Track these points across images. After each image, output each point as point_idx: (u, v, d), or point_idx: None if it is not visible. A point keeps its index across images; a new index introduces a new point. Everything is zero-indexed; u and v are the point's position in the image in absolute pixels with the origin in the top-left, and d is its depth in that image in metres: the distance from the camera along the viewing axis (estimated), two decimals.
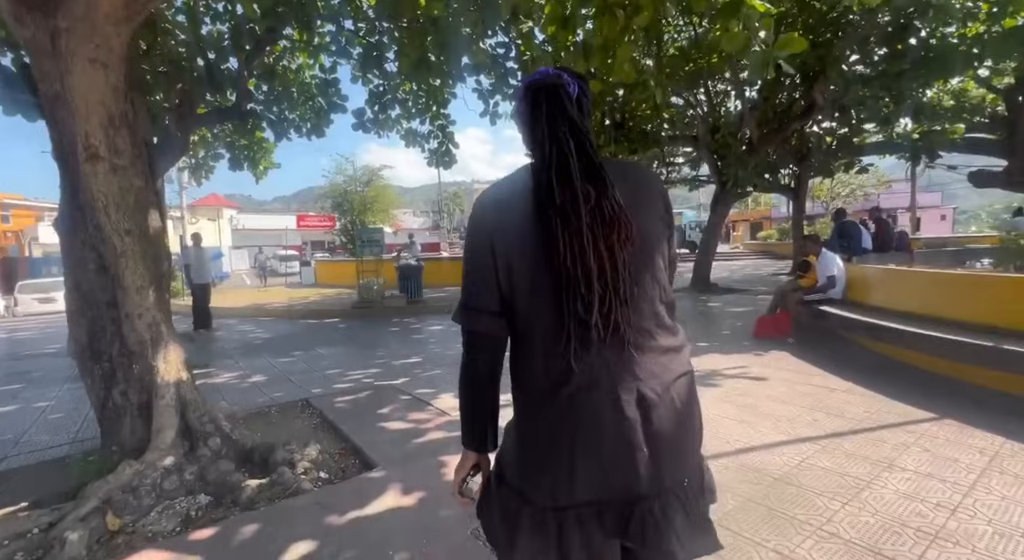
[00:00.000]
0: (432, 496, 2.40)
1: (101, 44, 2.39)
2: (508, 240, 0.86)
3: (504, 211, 0.88)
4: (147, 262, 2.68)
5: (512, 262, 0.86)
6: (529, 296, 0.86)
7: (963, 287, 4.19)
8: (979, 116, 11.08)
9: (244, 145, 7.18)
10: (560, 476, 0.84)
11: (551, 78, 0.92)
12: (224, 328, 8.61)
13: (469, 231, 0.94)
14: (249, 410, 3.85)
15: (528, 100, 0.92)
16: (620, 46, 3.51)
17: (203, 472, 2.55)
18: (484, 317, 0.90)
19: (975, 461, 2.51)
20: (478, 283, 0.90)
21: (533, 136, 0.92)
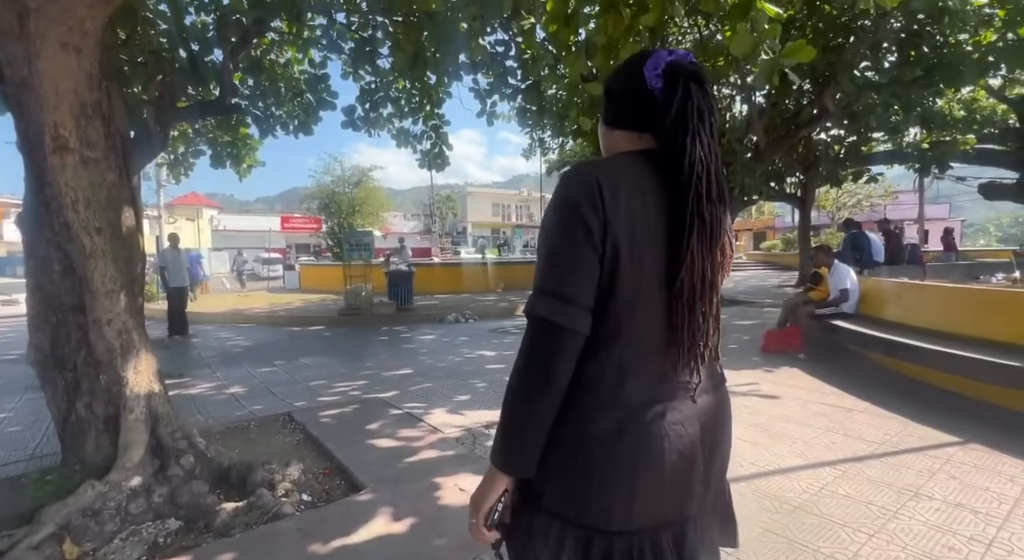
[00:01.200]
0: (425, 522, 2.30)
1: (74, 27, 2.30)
2: (624, 231, 0.77)
3: (623, 199, 0.78)
4: (119, 263, 2.58)
5: (622, 259, 0.78)
6: (630, 301, 0.79)
7: (982, 303, 4.17)
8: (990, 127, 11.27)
9: (227, 142, 7.08)
10: (617, 500, 0.80)
11: (699, 67, 0.85)
12: (201, 334, 8.45)
13: (570, 207, 0.78)
14: (226, 424, 3.72)
15: (670, 82, 0.83)
16: (624, 46, 3.49)
17: (174, 494, 2.43)
18: (580, 312, 0.78)
19: (1007, 490, 2.45)
20: (581, 270, 0.78)
21: (667, 127, 0.82)
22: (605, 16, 3.32)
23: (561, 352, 0.78)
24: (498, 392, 4.53)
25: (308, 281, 17.33)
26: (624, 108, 0.91)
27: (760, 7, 2.84)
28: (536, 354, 0.80)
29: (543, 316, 0.78)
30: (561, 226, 0.79)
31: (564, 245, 0.78)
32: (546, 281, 0.79)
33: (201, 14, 5.33)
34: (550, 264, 0.80)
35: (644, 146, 0.88)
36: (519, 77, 5.62)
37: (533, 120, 7.01)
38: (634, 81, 0.87)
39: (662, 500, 0.82)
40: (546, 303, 0.78)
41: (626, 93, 0.90)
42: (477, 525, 0.88)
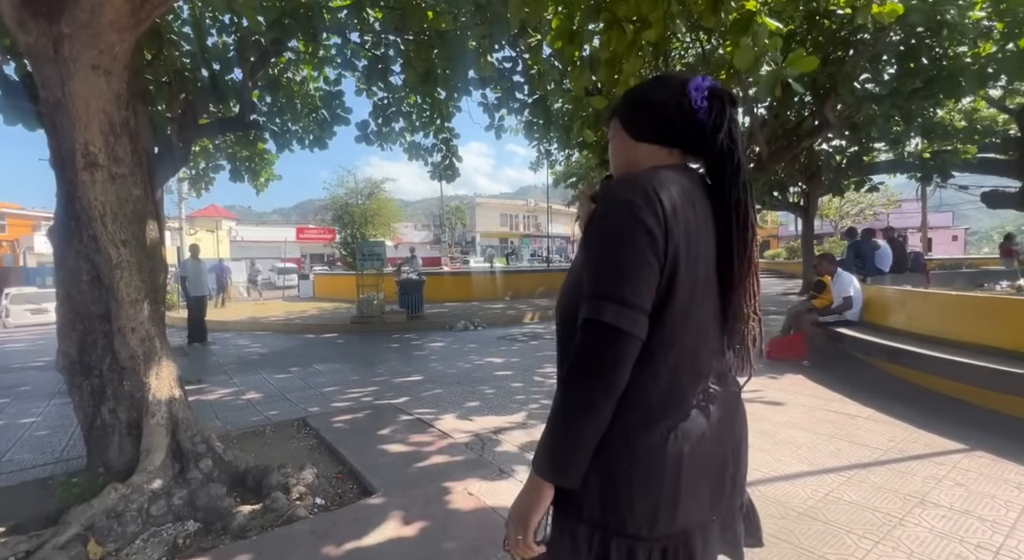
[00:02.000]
0: (435, 525, 2.30)
1: (104, 51, 2.38)
2: (681, 239, 0.79)
3: (678, 208, 0.79)
4: (143, 274, 2.63)
5: (680, 265, 0.79)
6: (685, 308, 0.80)
7: (987, 310, 4.11)
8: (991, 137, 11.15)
9: (246, 156, 7.23)
10: (665, 506, 0.80)
11: (730, 92, 0.89)
12: (219, 342, 8.54)
13: (632, 213, 0.78)
14: (243, 429, 3.76)
15: (712, 104, 0.86)
16: (627, 61, 3.52)
17: (193, 496, 2.45)
18: (642, 318, 0.77)
19: (1013, 497, 2.40)
20: (643, 275, 0.77)
21: (711, 145, 0.86)
22: (609, 32, 3.36)
23: (624, 358, 0.77)
24: (507, 399, 4.55)
25: (322, 290, 17.47)
26: (659, 124, 0.91)
27: (761, 22, 2.87)
28: (599, 360, 0.77)
29: (608, 322, 0.75)
30: (622, 232, 0.78)
31: (626, 250, 0.77)
32: (609, 286, 0.77)
33: (222, 35, 5.48)
34: (612, 270, 0.78)
35: (672, 161, 0.90)
36: (526, 92, 5.68)
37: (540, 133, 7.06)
38: (675, 100, 0.88)
39: (700, 502, 0.84)
40: (611, 309, 0.76)
41: (665, 110, 0.89)
42: (525, 541, 0.82)
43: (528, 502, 0.82)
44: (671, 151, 0.91)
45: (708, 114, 0.86)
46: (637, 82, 3.91)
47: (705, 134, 0.86)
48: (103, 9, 2.31)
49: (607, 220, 0.80)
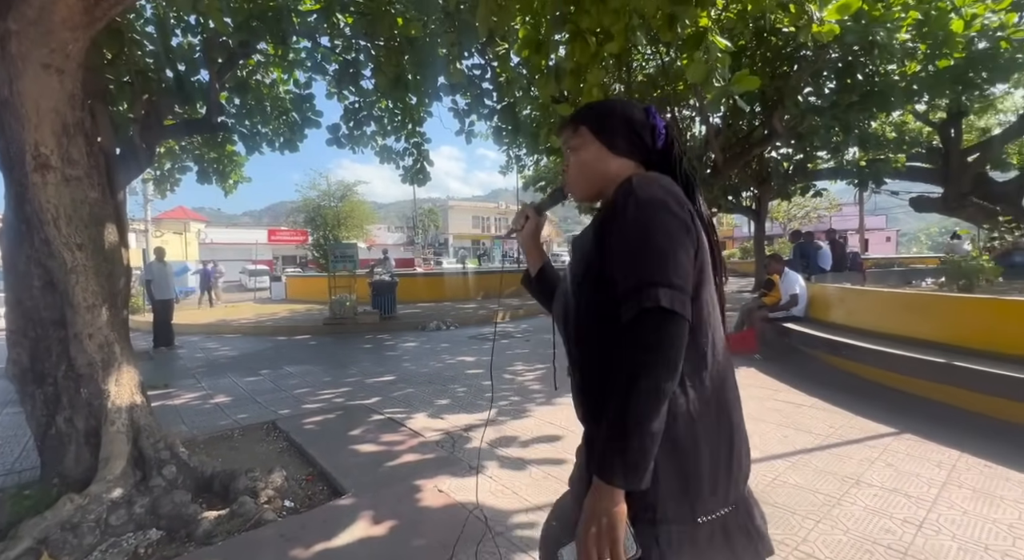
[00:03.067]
0: (405, 523, 2.26)
1: (56, 49, 2.23)
2: (701, 228, 0.87)
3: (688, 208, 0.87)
4: (101, 279, 2.49)
5: (703, 249, 0.86)
6: (707, 288, 0.86)
7: (915, 306, 4.36)
8: (917, 147, 11.87)
9: (214, 158, 6.93)
10: (729, 478, 0.83)
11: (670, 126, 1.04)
12: (187, 345, 8.16)
13: (664, 206, 0.82)
14: (210, 434, 3.60)
15: (664, 134, 1.00)
16: (591, 71, 3.57)
17: (155, 504, 2.33)
18: (689, 300, 0.78)
19: (935, 475, 2.55)
20: (683, 260, 0.79)
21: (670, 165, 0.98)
22: (573, 43, 3.38)
23: (683, 341, 0.76)
24: (477, 396, 4.53)
25: (294, 292, 16.96)
26: (638, 142, 0.99)
27: (712, 39, 2.95)
28: (663, 346, 0.74)
29: (666, 307, 0.74)
30: (659, 223, 0.81)
31: (667, 239, 0.80)
32: (659, 274, 0.77)
33: (188, 36, 5.23)
34: (658, 258, 0.78)
35: (632, 172, 0.97)
36: (495, 98, 5.67)
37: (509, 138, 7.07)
38: (646, 123, 1.00)
39: (747, 466, 0.89)
40: (666, 294, 0.75)
41: (643, 131, 0.99)
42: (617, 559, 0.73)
43: (609, 516, 0.73)
44: (638, 165, 0.99)
45: (665, 147, 0.99)
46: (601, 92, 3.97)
47: (662, 153, 0.99)
48: (54, 6, 2.17)
49: (639, 214, 0.82)
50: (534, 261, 1.24)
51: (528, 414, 3.89)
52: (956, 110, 10.43)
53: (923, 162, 11.94)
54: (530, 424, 3.63)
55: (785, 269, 5.82)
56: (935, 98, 8.78)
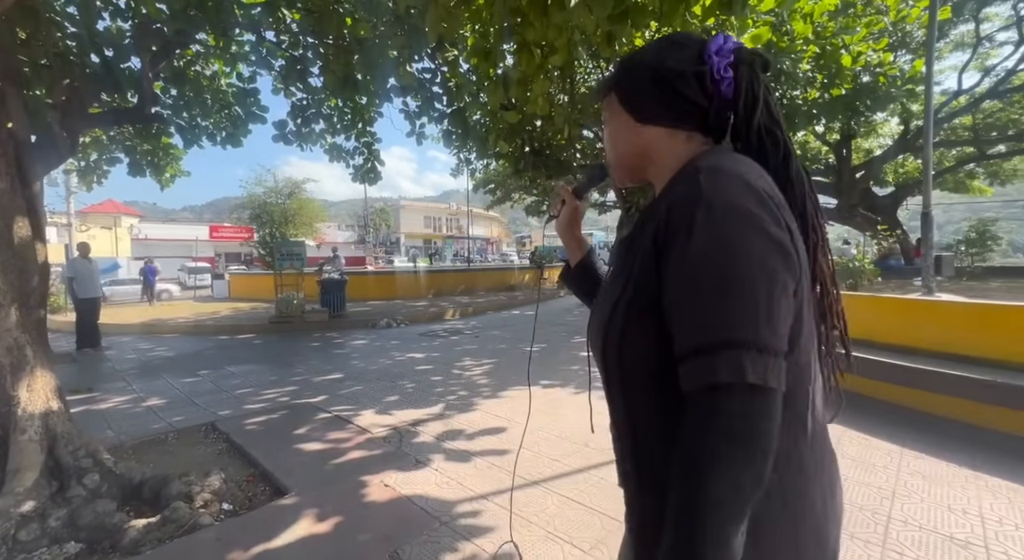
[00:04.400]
0: (350, 520, 2.19)
1: None
2: (800, 254, 0.56)
3: (785, 210, 0.57)
4: (9, 276, 2.20)
5: (802, 285, 0.56)
6: (808, 332, 0.58)
7: None
8: (817, 164, 13.07)
9: (147, 150, 6.32)
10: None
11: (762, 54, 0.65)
12: (116, 347, 7.41)
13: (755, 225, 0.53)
14: (141, 439, 3.29)
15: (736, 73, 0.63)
16: (536, 81, 3.62)
17: (74, 515, 2.10)
18: (784, 366, 0.52)
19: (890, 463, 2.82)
20: (784, 312, 0.52)
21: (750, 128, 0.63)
22: (520, 54, 3.41)
23: (775, 424, 0.50)
24: (425, 392, 4.46)
25: (238, 290, 15.85)
26: (672, 101, 0.65)
27: None
28: (746, 437, 0.49)
29: (758, 384, 0.49)
30: (747, 251, 0.52)
31: (759, 275, 0.51)
32: (743, 329, 0.50)
33: (116, 20, 4.72)
34: (744, 305, 0.51)
35: (693, 149, 0.66)
36: (445, 102, 5.59)
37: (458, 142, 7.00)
38: (692, 69, 0.63)
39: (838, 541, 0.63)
40: (755, 362, 0.49)
41: (679, 83, 0.64)
42: None
43: None
44: (690, 135, 0.66)
45: (735, 85, 0.62)
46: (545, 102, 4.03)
47: (735, 112, 0.63)
48: None
49: (720, 236, 0.52)
50: (573, 252, 0.97)
51: (475, 408, 3.88)
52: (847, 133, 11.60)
53: (822, 177, 13.18)
54: (476, 417, 3.63)
55: None
56: (831, 121, 9.71)
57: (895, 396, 3.47)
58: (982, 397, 2.93)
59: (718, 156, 0.61)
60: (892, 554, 1.84)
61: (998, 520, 2.06)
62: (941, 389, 3.13)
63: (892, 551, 1.86)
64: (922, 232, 5.30)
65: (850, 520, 2.07)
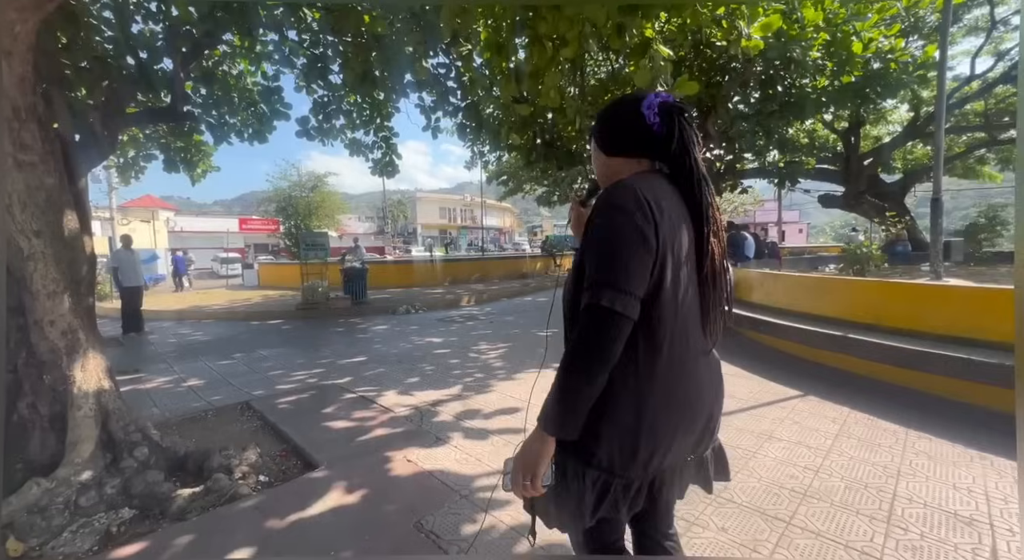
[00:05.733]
0: (376, 492, 2.24)
1: (2, 30, 1.98)
2: (667, 232, 0.86)
3: (663, 209, 0.86)
4: (61, 265, 2.27)
5: (667, 252, 0.85)
6: (674, 287, 0.87)
7: (819, 288, 4.69)
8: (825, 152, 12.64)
9: (180, 147, 6.41)
10: (660, 452, 0.88)
11: (681, 104, 0.95)
12: (158, 331, 7.64)
13: (629, 214, 0.84)
14: (183, 416, 3.41)
15: (668, 119, 0.92)
16: (548, 74, 3.55)
17: (127, 484, 2.20)
18: (635, 302, 0.82)
19: (831, 429, 2.79)
20: (638, 266, 0.83)
21: (670, 153, 0.93)
22: (532, 48, 3.35)
23: (619, 336, 0.82)
24: (444, 374, 4.51)
25: (267, 278, 16.15)
26: (625, 140, 0.97)
27: (656, 48, 3.00)
28: (598, 337, 0.81)
29: (606, 306, 0.80)
30: (620, 230, 0.83)
31: (623, 246, 0.83)
32: (608, 276, 0.82)
33: (149, 23, 4.76)
34: (610, 261, 0.83)
35: (643, 169, 0.96)
36: (459, 97, 5.53)
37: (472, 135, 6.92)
38: (633, 119, 0.94)
39: (685, 447, 0.93)
40: (609, 295, 0.80)
41: (627, 128, 0.96)
42: (534, 486, 0.87)
43: (536, 453, 0.87)
44: (640, 160, 0.96)
45: (661, 126, 0.92)
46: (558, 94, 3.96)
47: (661, 143, 0.93)
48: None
49: (603, 220, 0.86)
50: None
51: (490, 389, 3.92)
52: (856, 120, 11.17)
53: (829, 165, 12.76)
54: (493, 398, 3.67)
55: None
56: (839, 109, 9.36)
57: (901, 378, 3.40)
58: (989, 379, 2.85)
59: (636, 175, 0.92)
60: (897, 529, 1.82)
61: (1003, 498, 2.02)
62: (946, 371, 3.05)
63: (897, 527, 1.84)
64: (931, 218, 5.12)
65: (855, 497, 2.05)
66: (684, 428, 0.90)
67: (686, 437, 0.91)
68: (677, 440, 0.90)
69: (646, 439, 0.87)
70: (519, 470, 0.89)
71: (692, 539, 1.80)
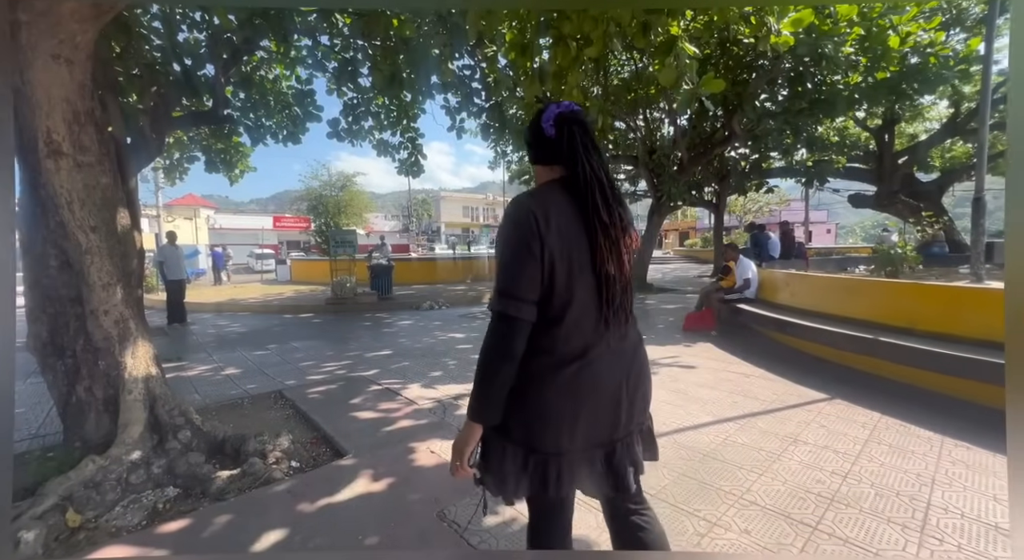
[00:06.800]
0: (401, 481, 2.29)
1: (65, 40, 2.10)
2: (554, 242, 0.93)
3: (551, 217, 0.93)
4: (115, 259, 2.40)
5: (556, 260, 0.93)
6: (567, 290, 0.95)
7: (848, 289, 4.50)
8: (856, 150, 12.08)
9: (220, 148, 6.67)
10: (565, 430, 0.98)
11: (578, 112, 1.01)
12: (199, 322, 7.99)
13: (515, 231, 0.94)
14: (221, 402, 3.56)
15: (558, 128, 1.00)
16: (571, 73, 3.51)
17: (172, 465, 2.31)
18: (529, 306, 0.93)
19: (860, 434, 2.68)
20: (526, 276, 0.92)
21: (564, 159, 1.00)
22: (556, 48, 3.32)
23: (514, 335, 0.93)
24: (466, 369, 4.55)
25: (299, 274, 16.64)
26: (537, 151, 1.06)
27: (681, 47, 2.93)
28: (499, 338, 0.94)
29: (499, 310, 0.93)
30: (510, 246, 0.94)
31: (514, 259, 0.93)
32: (502, 285, 0.94)
33: (193, 31, 4.96)
34: (504, 273, 0.94)
35: (555, 175, 1.03)
36: (483, 97, 5.55)
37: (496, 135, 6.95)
38: (537, 131, 1.03)
39: (596, 428, 1.00)
40: (508, 303, 0.92)
41: (536, 140, 1.05)
42: (461, 466, 1.00)
43: (463, 439, 1.00)
44: (552, 168, 1.04)
45: (557, 136, 1.00)
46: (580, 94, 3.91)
47: (561, 152, 1.00)
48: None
49: (500, 234, 0.97)
50: None
51: None
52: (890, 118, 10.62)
53: (860, 163, 12.20)
54: None
55: (740, 256, 5.92)
56: (873, 106, 8.92)
57: (937, 384, 3.23)
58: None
59: (540, 186, 1.03)
60: (931, 540, 1.73)
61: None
62: (987, 377, 2.88)
63: (931, 537, 1.75)
64: (972, 218, 4.83)
65: (886, 504, 1.96)
66: (588, 412, 0.98)
67: (593, 420, 0.99)
68: (582, 422, 0.98)
69: (552, 420, 0.97)
70: (452, 454, 1.01)
71: (714, 540, 1.76)
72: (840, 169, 11.12)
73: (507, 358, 0.93)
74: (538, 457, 0.99)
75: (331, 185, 19.94)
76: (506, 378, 0.95)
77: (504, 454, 1.01)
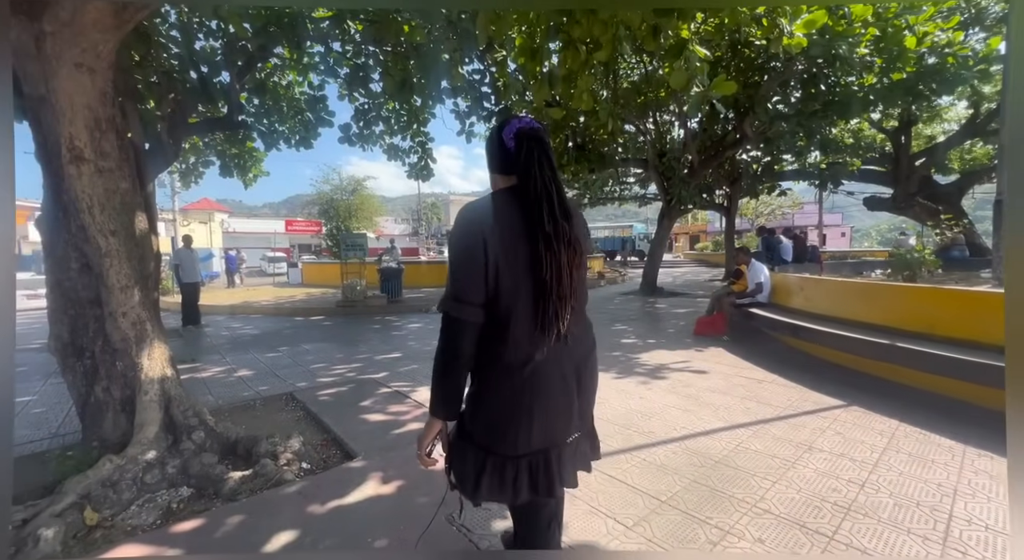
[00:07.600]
0: (410, 484, 2.29)
1: (88, 49, 2.16)
2: (499, 249, 0.98)
3: (495, 226, 0.99)
4: (133, 262, 2.45)
5: (500, 266, 0.98)
6: (511, 295, 1.00)
7: (864, 293, 4.41)
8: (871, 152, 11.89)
9: (234, 154, 6.80)
10: (521, 432, 1.04)
11: (538, 129, 1.07)
12: (212, 324, 8.12)
13: (461, 238, 1.00)
14: (234, 404, 3.60)
15: (518, 142, 1.05)
16: (581, 77, 3.52)
17: (186, 465, 2.34)
18: (473, 308, 0.99)
19: (877, 442, 2.62)
20: (470, 280, 0.98)
21: (519, 171, 1.04)
22: (565, 51, 3.34)
23: (463, 335, 1.01)
24: None
25: (310, 277, 16.84)
26: (496, 161, 1.11)
27: (692, 49, 2.92)
28: (449, 339, 1.02)
29: (446, 311, 1.01)
30: (458, 254, 1.00)
31: (460, 264, 1.00)
32: (454, 290, 1.00)
33: (209, 40, 5.08)
34: (452, 279, 1.01)
35: (510, 184, 1.08)
36: (493, 101, 5.58)
37: None
38: (498, 142, 1.09)
39: (551, 429, 1.07)
40: (454, 305, 1.00)
41: (496, 151, 1.11)
42: (420, 455, 1.12)
43: (425, 431, 1.10)
44: (508, 177, 1.08)
45: (516, 149, 1.05)
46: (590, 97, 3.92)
47: (519, 164, 1.04)
48: (85, 9, 2.09)
49: (450, 242, 1.03)
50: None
51: None
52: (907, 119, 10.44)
53: (876, 166, 11.99)
54: None
55: (752, 260, 5.85)
56: (888, 108, 8.78)
57: (959, 391, 3.14)
58: None
59: (493, 194, 1.07)
60: (954, 552, 1.68)
61: None
62: None
63: (954, 549, 1.70)
64: (994, 220, 4.72)
65: (906, 515, 1.91)
66: (539, 414, 1.03)
67: (545, 419, 1.04)
68: (536, 420, 1.03)
69: (504, 422, 1.03)
70: (417, 444, 1.12)
71: (727, 548, 1.73)
72: (855, 171, 10.95)
73: (456, 356, 1.01)
74: (495, 459, 1.06)
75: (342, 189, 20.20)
76: (457, 375, 1.03)
77: (465, 456, 1.09)
